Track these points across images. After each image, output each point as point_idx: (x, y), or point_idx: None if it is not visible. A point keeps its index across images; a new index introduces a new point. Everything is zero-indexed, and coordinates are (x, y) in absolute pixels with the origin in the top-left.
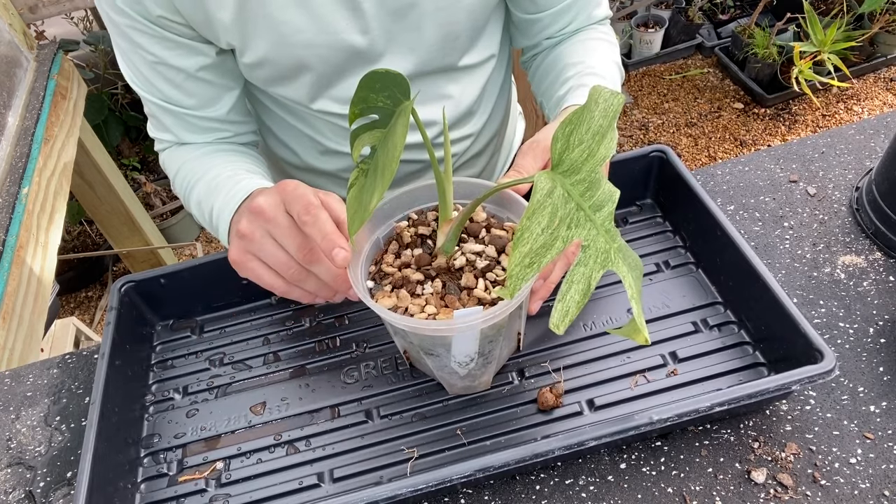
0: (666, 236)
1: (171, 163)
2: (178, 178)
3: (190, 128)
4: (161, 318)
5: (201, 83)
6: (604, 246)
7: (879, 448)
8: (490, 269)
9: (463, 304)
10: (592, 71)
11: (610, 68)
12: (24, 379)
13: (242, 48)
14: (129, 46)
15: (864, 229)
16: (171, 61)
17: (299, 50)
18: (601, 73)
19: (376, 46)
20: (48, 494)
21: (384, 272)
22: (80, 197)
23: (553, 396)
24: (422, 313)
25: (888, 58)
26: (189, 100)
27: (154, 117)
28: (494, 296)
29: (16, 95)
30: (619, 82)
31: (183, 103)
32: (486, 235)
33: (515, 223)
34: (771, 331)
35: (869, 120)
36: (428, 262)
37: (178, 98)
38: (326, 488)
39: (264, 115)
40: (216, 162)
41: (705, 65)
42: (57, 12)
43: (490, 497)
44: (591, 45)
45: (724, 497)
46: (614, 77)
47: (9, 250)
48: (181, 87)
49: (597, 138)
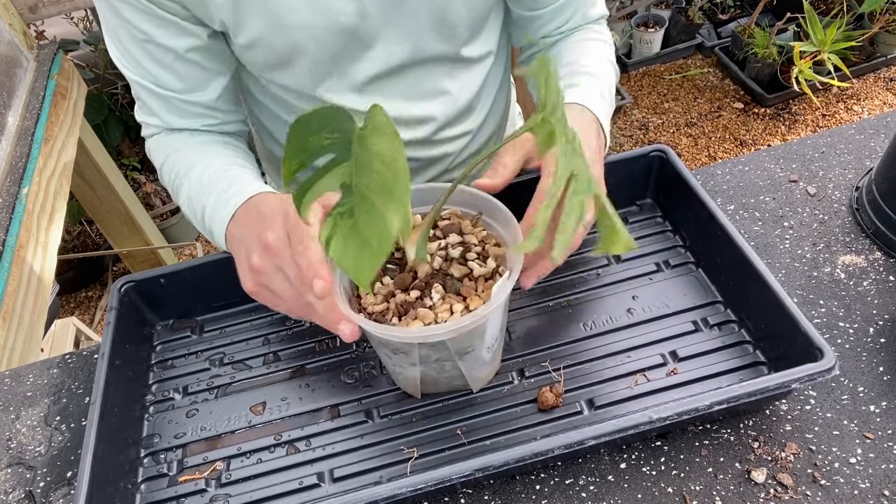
0: (666, 236)
1: (158, 152)
2: (165, 168)
3: (177, 112)
4: (161, 318)
5: (191, 65)
6: (586, 173)
7: (879, 448)
8: (468, 251)
9: (476, 290)
10: (585, 70)
11: (603, 66)
12: (24, 379)
13: (236, 28)
14: (118, 23)
15: (864, 229)
16: (160, 40)
17: (294, 32)
18: (593, 72)
19: (372, 29)
20: (48, 494)
21: (375, 312)
22: (80, 197)
23: (553, 396)
24: (451, 315)
25: (888, 58)
26: (177, 82)
27: (140, 100)
28: (492, 267)
29: (16, 95)
30: (612, 80)
31: (170, 86)
32: (439, 231)
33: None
34: (771, 329)
35: (869, 120)
36: (411, 279)
37: (165, 80)
38: (326, 488)
39: (261, 113)
40: (205, 156)
41: (705, 65)
42: (57, 12)
43: (490, 497)
44: (585, 46)
45: (724, 497)
46: (607, 74)
47: (9, 250)
48: (170, 68)
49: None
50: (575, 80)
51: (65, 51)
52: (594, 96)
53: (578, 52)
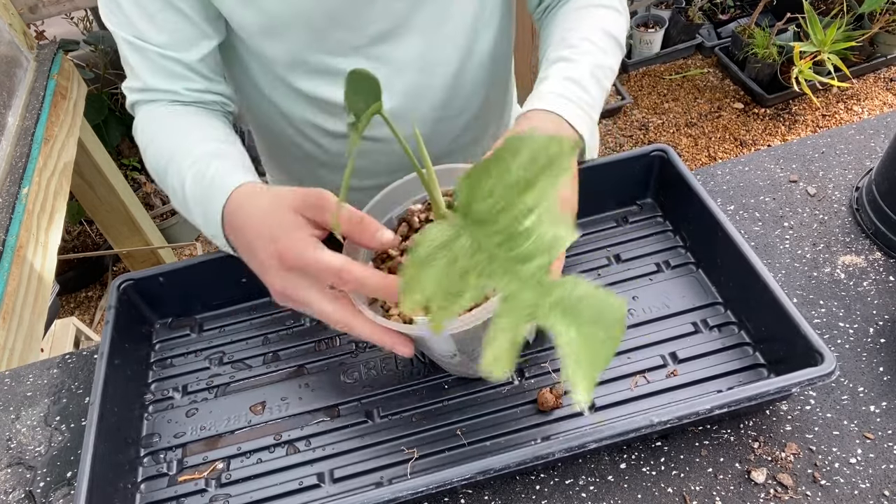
0: (666, 236)
1: (143, 133)
2: (149, 152)
3: (158, 70)
4: (160, 317)
5: (177, 16)
6: (531, 299)
7: (879, 448)
8: None
9: None
10: (569, 53)
11: (597, 41)
12: (24, 379)
13: None
14: None
15: (864, 229)
16: None
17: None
18: (581, 50)
19: None
20: (48, 494)
21: (388, 255)
22: (80, 197)
23: (553, 397)
24: None
25: (888, 58)
26: (160, 36)
27: (125, 62)
28: None
29: (16, 95)
30: (603, 59)
31: (153, 39)
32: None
33: None
34: (771, 332)
35: (869, 120)
36: None
37: (148, 33)
38: (326, 488)
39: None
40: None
41: (705, 65)
42: (57, 12)
43: (490, 497)
44: (585, 13)
45: (724, 497)
46: (601, 50)
47: (9, 250)
48: (154, 20)
49: (515, 190)
50: (549, 71)
51: (65, 51)
52: (560, 90)
53: (577, 21)
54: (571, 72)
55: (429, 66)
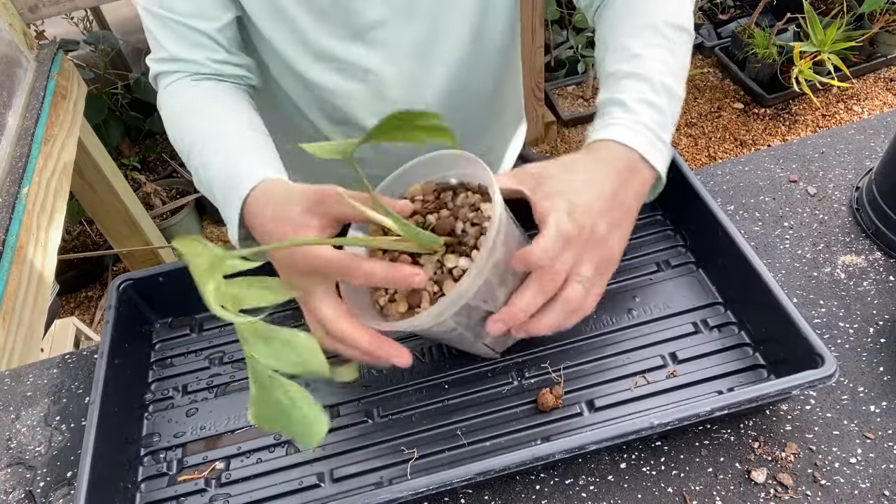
0: (666, 235)
1: (169, 108)
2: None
3: (180, 40)
4: (160, 316)
5: None
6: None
7: (879, 448)
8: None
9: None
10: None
11: (661, 42)
12: (24, 379)
13: None
14: None
15: (864, 229)
16: None
17: None
18: (647, 61)
19: None
20: (48, 494)
21: (400, 312)
22: (80, 197)
23: (553, 397)
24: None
25: (888, 58)
26: (184, 4)
27: (149, 34)
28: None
29: (16, 95)
30: (678, 54)
31: (178, 9)
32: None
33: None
34: (771, 333)
35: (869, 120)
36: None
37: (174, 2)
38: (326, 488)
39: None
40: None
41: (705, 65)
42: (57, 12)
43: (490, 497)
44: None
45: (724, 497)
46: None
47: (9, 250)
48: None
49: None
50: (614, 87)
51: (65, 51)
52: (631, 118)
53: (631, 27)
54: (642, 92)
55: (431, 52)
